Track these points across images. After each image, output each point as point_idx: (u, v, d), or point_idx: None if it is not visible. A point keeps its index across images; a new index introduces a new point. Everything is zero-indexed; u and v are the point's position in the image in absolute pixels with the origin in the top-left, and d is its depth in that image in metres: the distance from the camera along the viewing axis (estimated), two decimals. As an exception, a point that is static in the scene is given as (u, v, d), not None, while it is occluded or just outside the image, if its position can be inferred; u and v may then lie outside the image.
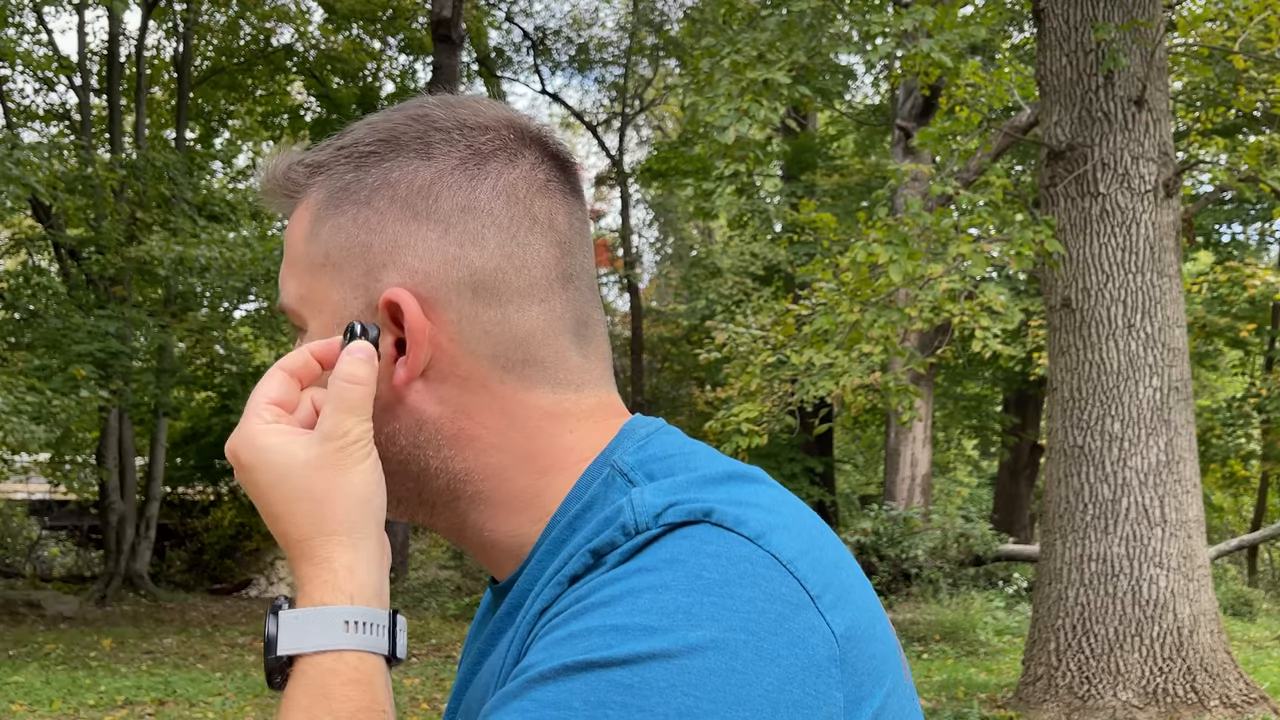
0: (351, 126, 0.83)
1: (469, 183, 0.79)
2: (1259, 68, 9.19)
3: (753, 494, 0.73)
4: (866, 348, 8.52)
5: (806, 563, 0.68)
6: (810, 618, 0.66)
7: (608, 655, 0.62)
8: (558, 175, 0.83)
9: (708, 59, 8.48)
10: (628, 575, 0.67)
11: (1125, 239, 7.44)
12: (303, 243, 0.82)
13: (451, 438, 0.79)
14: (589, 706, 0.61)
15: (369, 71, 20.71)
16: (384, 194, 0.79)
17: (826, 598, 0.67)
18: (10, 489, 19.96)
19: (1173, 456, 7.34)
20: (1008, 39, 15.72)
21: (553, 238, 0.81)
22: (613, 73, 22.85)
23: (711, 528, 0.68)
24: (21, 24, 16.62)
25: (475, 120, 0.81)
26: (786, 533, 0.69)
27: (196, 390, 19.60)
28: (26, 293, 14.67)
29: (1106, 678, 7.18)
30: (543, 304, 0.80)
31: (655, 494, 0.71)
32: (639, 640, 0.62)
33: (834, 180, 19.14)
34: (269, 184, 0.85)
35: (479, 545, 0.83)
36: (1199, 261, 20.53)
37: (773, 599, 0.65)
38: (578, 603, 0.67)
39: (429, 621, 13.70)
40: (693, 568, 0.65)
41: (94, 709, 8.06)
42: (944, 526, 14.38)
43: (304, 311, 0.82)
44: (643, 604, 0.64)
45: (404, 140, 0.80)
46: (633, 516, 0.70)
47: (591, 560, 0.70)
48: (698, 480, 0.73)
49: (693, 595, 0.64)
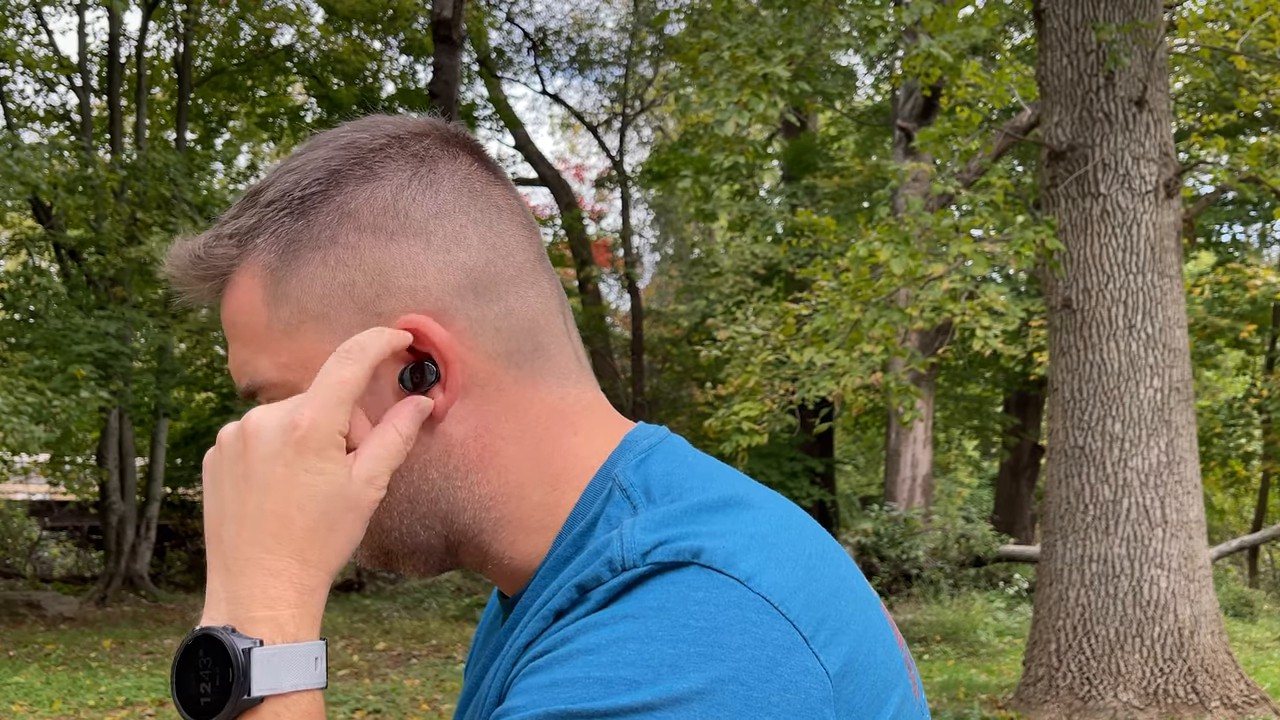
0: (261, 183, 0.79)
1: (429, 189, 0.77)
2: (1260, 68, 9.19)
3: (749, 523, 0.71)
4: (867, 347, 8.51)
5: (800, 600, 0.67)
6: (803, 660, 0.64)
7: (590, 708, 0.61)
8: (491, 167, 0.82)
9: (707, 53, 8.46)
10: (613, 621, 0.65)
11: (1126, 239, 7.43)
12: (263, 314, 0.76)
13: (476, 459, 0.77)
14: None
15: (369, 72, 20.71)
16: (347, 227, 0.75)
17: (820, 636, 0.66)
18: (10, 489, 19.96)
19: (1173, 457, 7.34)
20: (1009, 39, 15.72)
21: (520, 220, 0.81)
22: (613, 73, 22.85)
23: (700, 570, 0.66)
24: (21, 25, 16.63)
25: (403, 130, 0.79)
26: (780, 569, 0.67)
27: (196, 391, 19.60)
28: (27, 293, 14.66)
29: (1107, 678, 7.17)
30: (534, 287, 0.79)
31: (645, 529, 0.69)
32: (622, 694, 0.61)
33: (835, 182, 19.14)
34: (184, 273, 0.79)
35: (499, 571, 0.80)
36: (1200, 262, 20.52)
37: (764, 644, 0.64)
38: (562, 645, 0.66)
39: (429, 622, 13.70)
40: (679, 616, 0.64)
41: (94, 709, 8.06)
42: (945, 527, 14.38)
43: (291, 379, 0.76)
44: (627, 655, 0.63)
45: (343, 171, 0.77)
46: (620, 553, 0.68)
47: (576, 595, 0.69)
48: (692, 509, 0.71)
49: (679, 646, 0.63)
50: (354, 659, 10.85)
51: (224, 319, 0.79)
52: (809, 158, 20.07)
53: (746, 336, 9.81)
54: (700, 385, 19.32)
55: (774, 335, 9.42)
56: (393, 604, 15.12)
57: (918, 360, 9.09)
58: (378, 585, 16.92)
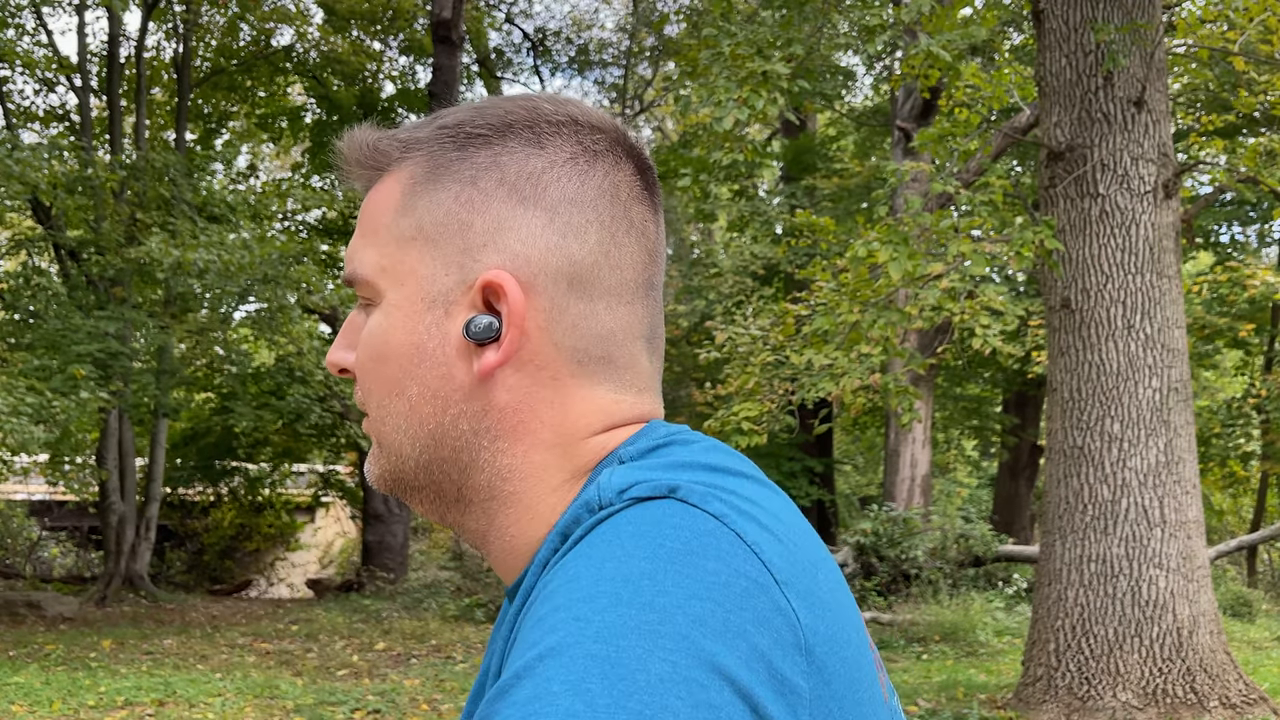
0: (450, 110, 0.84)
1: (578, 177, 0.80)
2: (1259, 69, 9.20)
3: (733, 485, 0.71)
4: (866, 348, 8.52)
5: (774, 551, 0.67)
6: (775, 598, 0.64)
7: (578, 631, 0.60)
8: (650, 189, 0.84)
9: (706, 50, 8.46)
10: (590, 547, 0.66)
11: (1125, 240, 7.44)
12: (390, 214, 0.81)
13: (509, 429, 0.78)
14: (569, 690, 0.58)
15: (369, 73, 20.70)
16: (492, 175, 0.79)
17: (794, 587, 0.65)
18: (10, 490, 19.96)
19: (1172, 457, 7.35)
20: (1007, 40, 15.72)
21: (644, 244, 0.83)
22: (612, 74, 22.87)
23: (675, 503, 0.67)
24: (21, 25, 16.63)
25: (586, 119, 0.82)
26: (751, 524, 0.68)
27: (196, 391, 19.60)
28: (26, 293, 14.66)
29: (1106, 678, 7.18)
30: (628, 306, 0.81)
31: (623, 474, 0.71)
32: (607, 610, 0.61)
33: (834, 182, 19.14)
34: (352, 154, 0.85)
35: (500, 549, 0.81)
36: (1199, 262, 20.53)
37: (737, 574, 0.63)
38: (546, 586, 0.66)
39: (429, 622, 13.70)
40: (654, 537, 0.64)
41: (94, 710, 8.06)
42: (944, 527, 14.38)
43: (382, 283, 0.81)
44: (607, 573, 0.63)
45: (516, 128, 0.81)
46: (597, 494, 0.70)
47: (559, 542, 0.70)
48: (673, 464, 0.72)
49: (656, 562, 0.63)
50: (354, 659, 10.86)
51: (363, 207, 0.85)
52: (808, 158, 20.07)
53: (745, 337, 9.82)
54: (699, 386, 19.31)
55: (773, 336, 9.42)
56: (392, 604, 15.12)
57: (917, 361, 9.10)
58: (377, 585, 16.93)
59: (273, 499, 21.07)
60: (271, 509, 21.15)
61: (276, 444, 19.79)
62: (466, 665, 10.68)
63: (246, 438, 18.31)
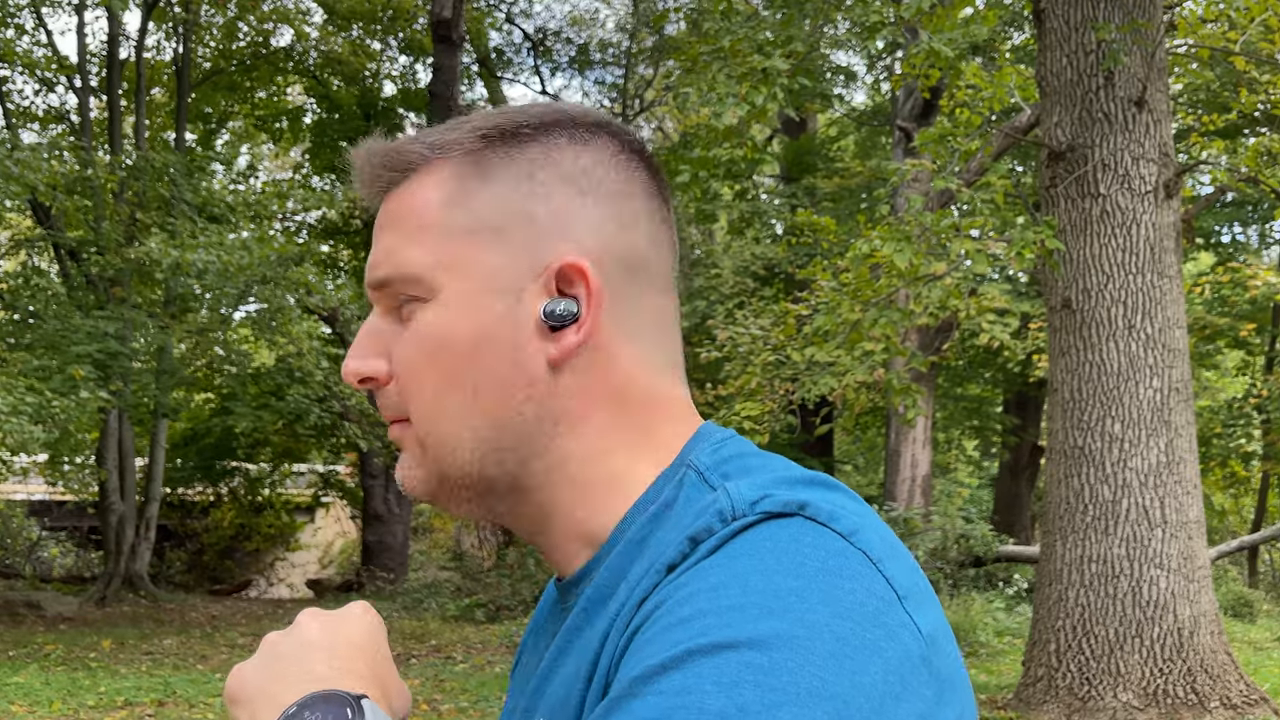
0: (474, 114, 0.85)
1: (626, 172, 0.83)
2: (1259, 69, 9.19)
3: (841, 496, 0.74)
4: (868, 346, 8.51)
5: (893, 564, 0.70)
6: (900, 615, 0.67)
7: (732, 636, 0.62)
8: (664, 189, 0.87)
9: (705, 46, 8.46)
10: (730, 560, 0.67)
11: (1125, 240, 7.43)
12: (438, 211, 0.81)
13: (574, 413, 0.80)
14: (721, 688, 0.60)
15: (369, 73, 20.70)
16: (548, 169, 0.81)
17: (911, 599, 0.69)
18: (10, 490, 19.96)
19: (1173, 457, 7.34)
20: (1008, 40, 15.71)
21: (673, 239, 0.87)
22: (613, 74, 22.85)
23: (805, 521, 0.69)
24: (21, 25, 16.62)
25: (613, 125, 0.85)
26: (874, 534, 0.71)
27: (196, 391, 19.58)
28: (26, 294, 14.65)
29: (1107, 679, 7.17)
30: (667, 295, 0.85)
31: (749, 487, 0.72)
32: (759, 620, 0.63)
33: (835, 182, 19.12)
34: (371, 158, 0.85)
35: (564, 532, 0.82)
36: (1200, 262, 20.52)
37: (869, 593, 0.66)
38: (682, 589, 0.67)
39: (429, 623, 13.70)
40: (795, 555, 0.67)
41: (94, 710, 8.05)
42: (944, 527, 14.37)
43: (440, 277, 0.80)
44: (755, 585, 0.65)
45: (558, 126, 0.83)
46: (730, 504, 0.71)
47: (689, 548, 0.70)
48: (784, 480, 0.74)
49: (800, 580, 0.65)
50: (353, 659, 10.83)
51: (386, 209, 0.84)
52: (809, 158, 20.06)
53: (746, 337, 9.81)
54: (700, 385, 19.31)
55: (774, 335, 9.42)
56: (392, 604, 15.11)
57: (918, 359, 9.09)
58: (377, 585, 16.93)
59: (273, 499, 21.07)
60: (271, 509, 21.15)
61: (276, 444, 19.79)
62: (466, 665, 10.67)
63: (246, 438, 18.31)
